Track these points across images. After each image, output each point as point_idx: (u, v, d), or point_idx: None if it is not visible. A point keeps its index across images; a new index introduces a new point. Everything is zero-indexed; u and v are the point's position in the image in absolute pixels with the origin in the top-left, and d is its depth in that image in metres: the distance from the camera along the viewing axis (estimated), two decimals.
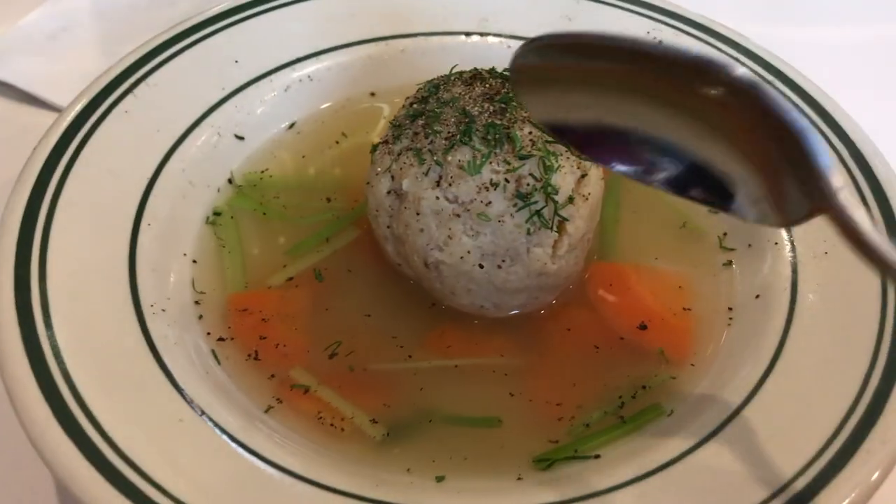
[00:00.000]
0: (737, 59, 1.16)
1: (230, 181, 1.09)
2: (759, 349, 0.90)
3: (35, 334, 0.80)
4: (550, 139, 0.88)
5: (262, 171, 1.11)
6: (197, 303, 0.95)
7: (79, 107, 1.01)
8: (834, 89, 1.12)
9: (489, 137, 0.87)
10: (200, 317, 0.94)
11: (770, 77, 1.14)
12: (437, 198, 0.88)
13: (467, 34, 1.24)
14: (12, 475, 0.89)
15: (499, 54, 1.22)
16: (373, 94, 1.22)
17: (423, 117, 0.91)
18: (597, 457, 0.84)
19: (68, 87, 1.32)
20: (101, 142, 0.99)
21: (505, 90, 0.91)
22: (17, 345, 0.79)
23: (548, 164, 0.87)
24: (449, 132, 0.88)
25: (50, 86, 1.35)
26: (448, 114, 0.90)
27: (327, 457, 0.83)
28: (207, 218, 1.04)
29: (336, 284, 1.00)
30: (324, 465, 0.80)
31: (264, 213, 1.07)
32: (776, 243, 0.99)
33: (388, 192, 0.92)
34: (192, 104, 1.08)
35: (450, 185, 0.87)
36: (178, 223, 0.99)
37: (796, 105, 1.09)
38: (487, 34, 1.25)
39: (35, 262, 0.86)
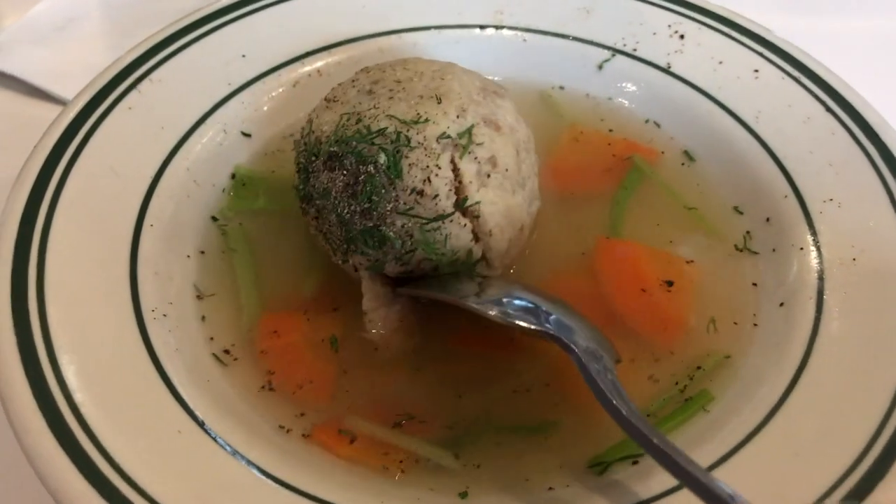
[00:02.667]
0: (760, 54, 1.12)
1: (233, 176, 1.06)
2: (782, 360, 0.86)
3: (31, 339, 0.78)
4: (423, 220, 0.84)
5: (272, 172, 1.08)
6: (201, 312, 0.92)
7: (81, 103, 0.98)
8: (858, 81, 1.08)
9: (370, 243, 0.85)
10: (203, 318, 0.92)
11: (793, 70, 1.10)
12: None
13: (482, 27, 1.20)
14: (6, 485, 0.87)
15: (514, 47, 1.19)
16: None
17: (314, 206, 0.89)
18: (635, 462, 0.81)
19: (74, 79, 1.30)
20: (103, 139, 0.96)
21: (363, 175, 0.83)
22: (12, 350, 0.76)
23: (432, 249, 0.85)
24: (339, 238, 0.88)
25: (55, 78, 1.33)
26: (328, 211, 0.87)
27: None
28: (213, 218, 1.01)
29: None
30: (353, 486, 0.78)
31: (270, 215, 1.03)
32: (801, 248, 0.95)
33: None
34: (198, 100, 1.05)
35: None
36: (182, 224, 0.96)
37: (820, 99, 1.05)
38: (502, 27, 1.21)
39: (33, 264, 0.83)
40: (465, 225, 0.85)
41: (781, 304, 0.92)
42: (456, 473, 0.82)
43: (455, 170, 0.84)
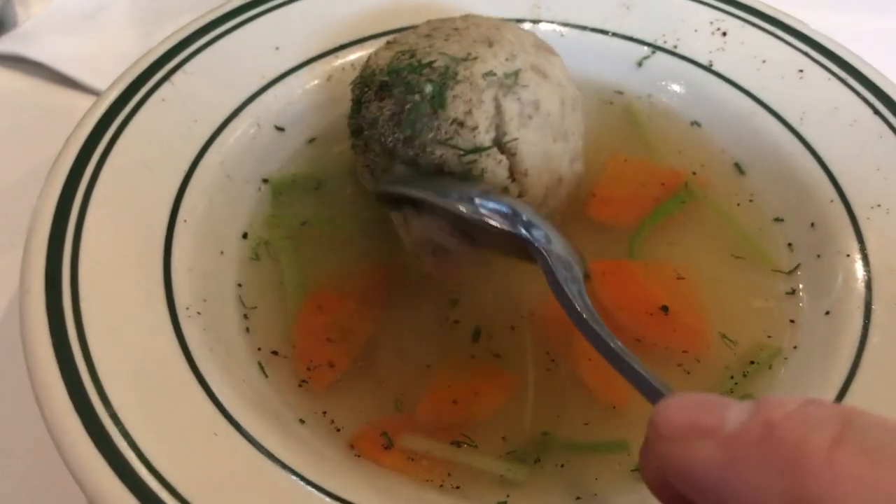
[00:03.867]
0: (805, 53, 1.10)
1: (265, 181, 1.04)
2: (827, 374, 0.84)
3: (66, 339, 0.76)
4: (461, 151, 0.85)
5: (310, 172, 1.07)
6: (237, 309, 0.91)
7: (113, 95, 0.97)
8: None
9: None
10: (245, 316, 0.91)
11: (840, 71, 1.07)
12: None
13: (518, 21, 1.18)
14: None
15: (552, 42, 1.16)
16: None
17: (362, 139, 0.92)
18: None
19: (104, 68, 1.30)
20: (137, 132, 0.95)
21: (409, 104, 0.85)
22: (47, 350, 0.75)
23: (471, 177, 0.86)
24: (382, 169, 0.90)
25: (85, 67, 1.31)
26: (374, 141, 0.89)
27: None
28: (244, 235, 0.99)
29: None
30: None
31: (304, 223, 1.02)
32: (847, 255, 0.93)
33: None
34: (231, 93, 1.03)
35: None
36: (216, 220, 0.95)
37: (868, 101, 1.03)
38: (539, 21, 1.18)
39: (67, 261, 0.82)
40: (500, 161, 0.86)
41: (827, 313, 0.90)
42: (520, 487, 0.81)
43: (497, 107, 0.86)
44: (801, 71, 1.08)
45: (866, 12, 1.45)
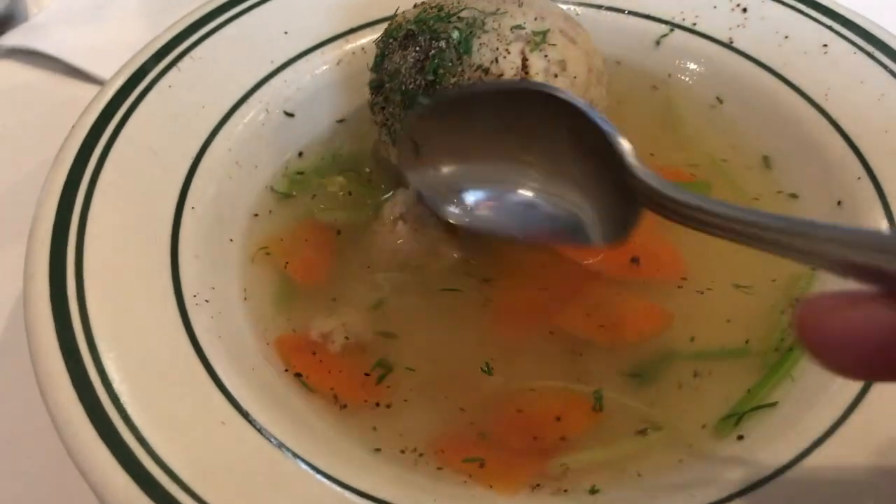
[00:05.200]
0: (829, 27, 1.06)
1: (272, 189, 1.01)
2: None
3: (70, 327, 0.74)
4: None
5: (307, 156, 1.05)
6: (245, 296, 0.89)
7: (119, 82, 0.95)
8: None
9: None
10: (245, 299, 0.89)
11: (866, 45, 1.03)
12: None
13: None
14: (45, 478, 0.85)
15: None
16: None
17: (382, 94, 0.92)
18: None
19: (112, 58, 1.28)
20: (142, 118, 0.93)
21: (434, 50, 0.86)
22: (51, 339, 0.73)
23: None
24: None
25: (95, 58, 1.30)
26: (394, 92, 0.89)
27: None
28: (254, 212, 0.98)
29: None
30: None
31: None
32: None
33: None
34: (240, 78, 1.01)
35: None
36: (224, 207, 0.93)
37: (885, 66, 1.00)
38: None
39: (72, 247, 0.80)
40: None
41: None
42: None
43: (524, 59, 0.85)
44: (824, 46, 1.05)
45: None
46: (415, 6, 0.94)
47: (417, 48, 0.87)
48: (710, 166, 1.03)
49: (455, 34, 0.84)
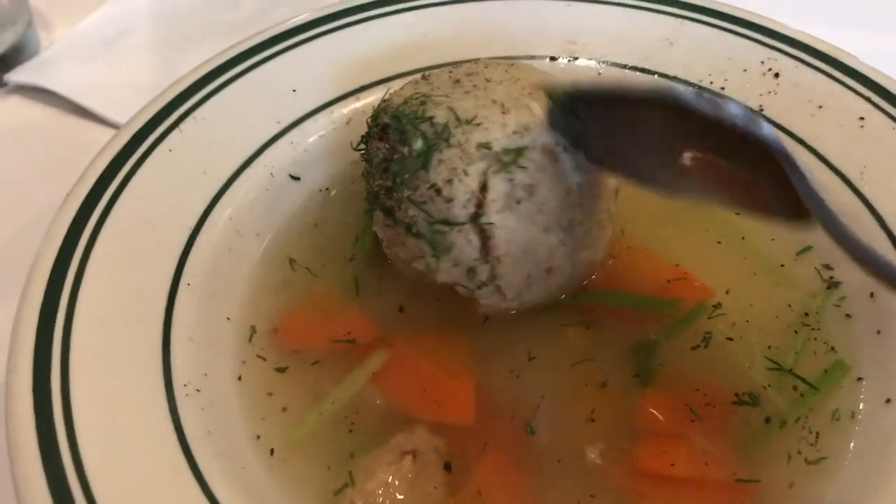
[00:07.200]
0: (868, 99, 1.00)
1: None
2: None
3: (51, 419, 0.71)
4: (432, 220, 0.80)
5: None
6: (239, 386, 0.85)
7: (117, 146, 0.91)
8: None
9: (387, 219, 0.85)
10: (239, 378, 0.84)
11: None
12: None
13: (552, 58, 1.10)
14: None
15: None
16: None
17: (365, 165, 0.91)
18: None
19: (121, 99, 1.26)
20: (141, 186, 0.89)
21: (397, 154, 0.82)
22: (30, 435, 0.70)
23: (436, 249, 0.82)
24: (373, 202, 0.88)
25: (102, 98, 1.27)
26: (369, 175, 0.88)
27: None
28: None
29: None
30: None
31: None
32: None
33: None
34: (244, 141, 0.98)
35: None
36: (222, 282, 0.89)
37: None
38: (576, 58, 1.11)
39: (59, 335, 0.76)
40: (471, 240, 0.81)
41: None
42: None
43: (483, 183, 0.80)
44: (861, 119, 0.99)
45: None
46: (421, 76, 0.91)
47: (387, 146, 0.84)
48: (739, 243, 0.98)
49: (418, 144, 0.81)
